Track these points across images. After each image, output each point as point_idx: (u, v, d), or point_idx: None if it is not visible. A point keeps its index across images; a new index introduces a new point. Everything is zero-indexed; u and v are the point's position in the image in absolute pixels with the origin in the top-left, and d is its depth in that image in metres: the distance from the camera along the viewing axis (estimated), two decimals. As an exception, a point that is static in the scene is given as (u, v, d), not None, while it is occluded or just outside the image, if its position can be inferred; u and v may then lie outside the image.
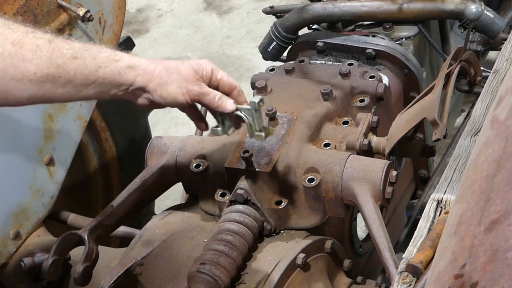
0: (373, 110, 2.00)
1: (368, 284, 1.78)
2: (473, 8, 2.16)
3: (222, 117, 1.56)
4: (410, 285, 1.07)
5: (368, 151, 1.82)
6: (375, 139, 1.86)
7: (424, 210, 1.20)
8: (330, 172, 1.70)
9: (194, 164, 1.81)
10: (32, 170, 2.02)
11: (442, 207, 1.19)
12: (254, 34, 4.52)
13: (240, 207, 1.69)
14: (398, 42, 2.28)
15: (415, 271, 1.07)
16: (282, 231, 1.75)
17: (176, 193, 2.72)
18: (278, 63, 2.37)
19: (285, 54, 2.44)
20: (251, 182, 1.71)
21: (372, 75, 2.07)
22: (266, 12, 2.55)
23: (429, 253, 1.08)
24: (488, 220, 0.83)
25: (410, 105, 1.93)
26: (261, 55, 2.49)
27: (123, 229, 2.05)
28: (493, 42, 2.51)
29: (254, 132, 1.55)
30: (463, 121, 2.50)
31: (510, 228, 0.79)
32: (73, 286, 1.85)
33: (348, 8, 2.27)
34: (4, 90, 1.34)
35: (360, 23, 2.36)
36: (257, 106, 1.52)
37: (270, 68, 2.20)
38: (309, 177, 1.71)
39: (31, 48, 1.33)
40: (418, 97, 1.93)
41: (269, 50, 2.42)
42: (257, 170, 1.71)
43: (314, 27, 2.42)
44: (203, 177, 1.81)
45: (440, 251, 0.94)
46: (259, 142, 1.77)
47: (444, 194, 1.21)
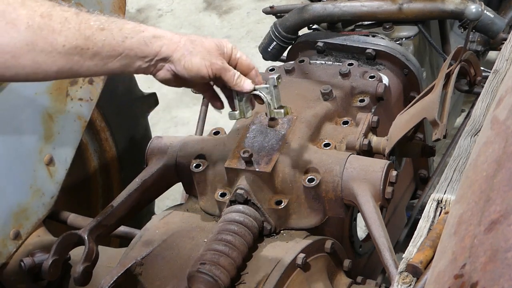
0: (373, 110, 2.00)
1: (368, 284, 1.78)
2: (473, 8, 2.16)
3: (239, 98, 1.57)
4: (410, 285, 1.07)
5: (368, 151, 1.82)
6: (375, 139, 1.86)
7: (424, 210, 1.20)
8: (330, 172, 1.70)
9: (194, 164, 1.81)
10: (32, 170, 2.02)
11: (442, 207, 1.19)
12: (254, 34, 4.52)
13: (240, 207, 1.69)
14: (398, 42, 2.28)
15: (415, 271, 1.07)
16: (282, 231, 1.75)
17: (176, 193, 2.72)
18: (278, 63, 2.37)
19: (285, 54, 2.44)
20: (251, 182, 1.71)
21: (372, 75, 2.07)
22: (266, 12, 2.55)
23: (429, 253, 1.08)
24: (488, 220, 0.83)
25: (410, 105, 1.93)
26: (261, 55, 2.49)
27: (123, 229, 2.05)
28: (493, 42, 2.51)
29: (273, 110, 1.56)
30: (463, 121, 2.50)
31: (510, 228, 0.79)
32: (73, 286, 1.85)
33: (348, 8, 2.27)
34: (34, 63, 1.34)
35: (360, 23, 2.36)
36: (276, 82, 1.54)
37: (270, 68, 2.20)
38: (309, 177, 1.71)
39: (60, 20, 1.34)
40: (418, 97, 1.93)
41: (269, 50, 2.42)
42: (257, 170, 1.71)
43: (314, 27, 2.42)
44: (203, 177, 1.81)
45: (440, 251, 0.93)
46: (259, 142, 1.77)
47: (444, 194, 1.21)
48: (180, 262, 1.70)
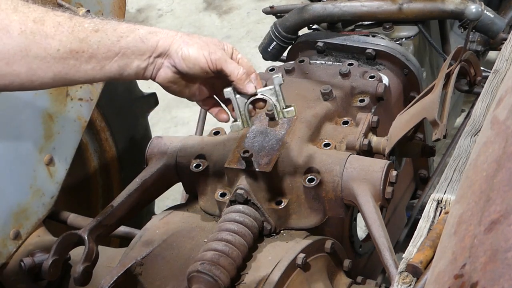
0: (373, 110, 2.00)
1: (368, 284, 1.78)
2: (473, 8, 2.16)
3: (239, 105, 1.50)
4: (410, 285, 1.07)
5: (368, 151, 1.82)
6: (375, 139, 1.86)
7: (424, 210, 1.20)
8: (330, 172, 1.70)
9: (194, 164, 1.81)
10: (32, 170, 2.02)
11: (442, 207, 1.19)
12: (254, 34, 4.52)
13: (240, 207, 1.69)
14: (398, 42, 2.28)
15: (415, 271, 1.07)
16: (282, 231, 1.75)
17: (176, 193, 2.72)
18: (278, 63, 2.38)
19: (285, 54, 2.44)
20: (251, 182, 1.71)
21: (372, 75, 2.07)
22: (266, 12, 2.55)
23: (429, 253, 1.08)
24: (488, 220, 0.83)
25: (410, 105, 1.93)
26: (261, 55, 2.49)
27: (123, 229, 2.05)
28: (493, 42, 2.51)
29: (282, 110, 1.51)
30: (463, 121, 2.50)
31: (510, 228, 0.79)
32: (73, 286, 1.85)
33: (348, 8, 2.27)
34: (28, 70, 1.33)
35: (360, 23, 2.36)
36: (281, 81, 1.49)
37: (270, 68, 2.20)
38: (309, 177, 1.71)
39: (53, 24, 1.33)
40: (418, 97, 1.93)
41: (269, 50, 2.42)
42: (257, 170, 1.71)
43: (314, 27, 2.42)
44: (203, 177, 1.81)
45: (440, 251, 0.93)
46: (259, 142, 1.77)
47: (444, 194, 1.21)
48: (180, 262, 1.69)
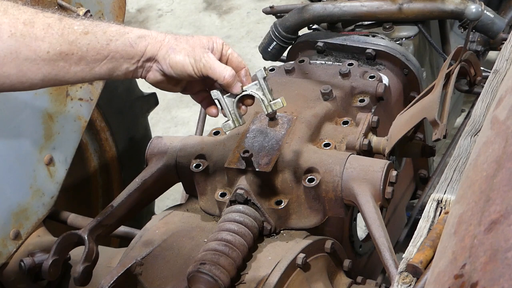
0: (373, 110, 2.00)
1: (368, 284, 1.78)
2: (473, 8, 2.16)
3: (227, 104, 1.51)
4: (410, 285, 1.07)
5: (368, 151, 1.82)
6: (375, 139, 1.86)
7: (424, 210, 1.20)
8: (330, 172, 1.70)
9: (194, 164, 1.81)
10: (32, 170, 2.02)
11: (442, 207, 1.19)
12: (254, 34, 4.52)
13: (240, 207, 1.69)
14: (398, 42, 2.28)
15: (415, 271, 1.07)
16: (282, 231, 1.75)
17: (176, 193, 2.72)
18: (278, 63, 2.38)
19: (285, 54, 2.44)
20: (251, 182, 1.71)
21: (372, 75, 2.07)
22: (266, 12, 2.55)
23: (429, 253, 1.08)
24: (488, 220, 0.83)
25: (410, 105, 1.93)
26: (261, 55, 2.49)
27: (123, 229, 2.05)
28: (493, 42, 2.51)
29: (269, 104, 1.50)
30: (463, 121, 2.50)
31: (510, 228, 0.79)
32: (73, 286, 1.85)
33: (348, 8, 2.27)
34: (19, 72, 1.33)
35: (360, 23, 2.36)
36: (265, 73, 1.48)
37: (270, 68, 2.20)
38: (309, 177, 1.71)
39: (43, 26, 1.33)
40: (418, 97, 1.93)
41: (269, 50, 2.42)
42: (257, 170, 1.71)
43: (314, 27, 2.42)
44: (203, 177, 1.81)
45: (440, 251, 0.93)
46: (259, 142, 1.77)
47: (444, 194, 1.21)
48: (180, 262, 1.70)
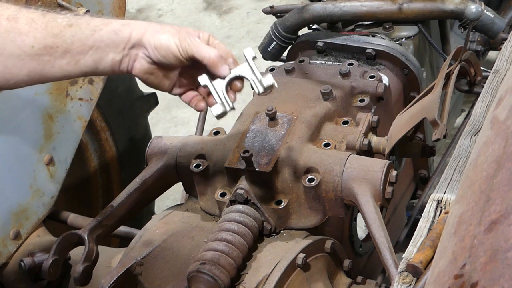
0: (373, 110, 2.00)
1: (368, 284, 1.78)
2: (473, 8, 2.16)
3: (215, 88, 1.47)
4: (410, 285, 1.07)
5: (368, 151, 1.82)
6: (375, 139, 1.86)
7: (424, 210, 1.20)
8: (330, 172, 1.70)
9: (194, 164, 1.81)
10: (32, 170, 2.02)
11: (442, 207, 1.19)
12: (254, 34, 4.52)
13: (240, 207, 1.69)
14: (398, 42, 2.28)
15: (415, 271, 1.07)
16: (282, 231, 1.75)
17: (176, 193, 2.72)
18: (278, 63, 2.37)
19: (285, 54, 2.44)
20: (251, 182, 1.71)
21: (372, 75, 2.07)
22: (266, 12, 2.55)
23: (429, 253, 1.08)
24: (488, 220, 0.83)
25: (410, 105, 1.93)
26: (261, 55, 2.49)
27: (123, 229, 2.05)
28: (493, 42, 2.51)
29: (261, 82, 1.47)
30: (463, 121, 2.50)
31: (510, 228, 0.79)
32: (73, 286, 1.85)
33: (348, 8, 2.27)
34: (4, 68, 1.33)
35: (360, 23, 2.36)
36: (253, 53, 1.46)
37: (270, 68, 2.20)
38: (309, 177, 1.71)
39: (26, 21, 1.33)
40: (418, 97, 1.93)
41: (269, 50, 2.41)
42: (257, 170, 1.71)
43: (314, 27, 2.42)
44: (203, 177, 1.81)
45: (440, 251, 0.94)
46: (259, 142, 1.77)
47: (444, 194, 1.21)
48: (180, 262, 1.70)
